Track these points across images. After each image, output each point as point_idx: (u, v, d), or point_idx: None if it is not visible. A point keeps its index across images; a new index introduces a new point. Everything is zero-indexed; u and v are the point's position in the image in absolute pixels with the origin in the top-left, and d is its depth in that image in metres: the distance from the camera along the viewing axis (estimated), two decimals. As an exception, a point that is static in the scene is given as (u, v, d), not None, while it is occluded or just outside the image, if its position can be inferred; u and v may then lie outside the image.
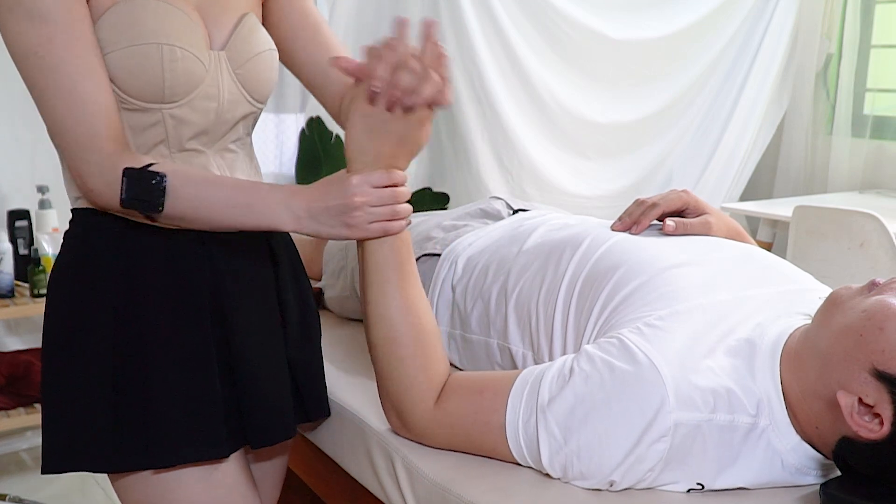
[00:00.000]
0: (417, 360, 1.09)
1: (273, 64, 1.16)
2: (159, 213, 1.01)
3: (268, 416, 1.15)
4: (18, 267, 2.57)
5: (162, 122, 1.07)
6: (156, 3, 1.03)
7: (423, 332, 1.10)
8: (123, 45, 1.02)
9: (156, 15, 1.03)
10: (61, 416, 1.09)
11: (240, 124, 1.15)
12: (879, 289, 0.96)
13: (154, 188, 0.99)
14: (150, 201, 0.99)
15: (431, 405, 1.09)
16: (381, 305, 1.08)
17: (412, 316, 1.09)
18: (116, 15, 1.02)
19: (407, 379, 1.09)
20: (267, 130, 3.09)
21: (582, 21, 3.25)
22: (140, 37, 1.02)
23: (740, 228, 1.33)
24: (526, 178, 3.27)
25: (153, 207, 1.00)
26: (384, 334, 1.09)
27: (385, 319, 1.09)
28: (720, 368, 0.99)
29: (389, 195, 1.02)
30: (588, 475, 0.99)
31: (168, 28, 1.03)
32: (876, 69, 3.50)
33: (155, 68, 1.03)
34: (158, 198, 0.99)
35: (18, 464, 2.72)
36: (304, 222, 1.01)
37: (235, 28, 1.11)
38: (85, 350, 1.07)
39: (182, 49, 1.04)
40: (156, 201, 1.00)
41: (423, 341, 1.09)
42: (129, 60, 1.02)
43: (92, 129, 0.99)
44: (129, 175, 0.99)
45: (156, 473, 1.09)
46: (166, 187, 1.00)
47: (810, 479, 1.02)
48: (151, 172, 0.99)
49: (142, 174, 0.99)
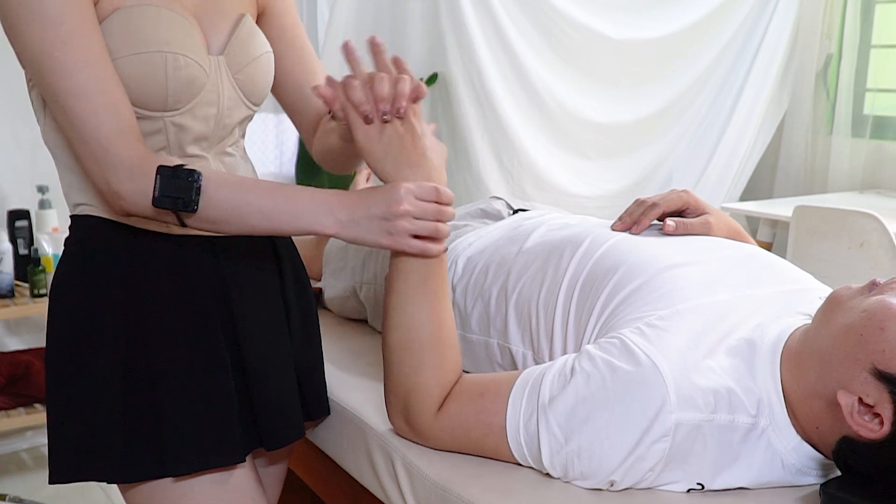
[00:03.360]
0: (434, 370, 1.08)
1: (270, 67, 1.16)
2: (193, 214, 0.98)
3: (279, 418, 1.15)
4: (18, 267, 2.57)
5: (164, 130, 1.06)
6: (155, 9, 1.02)
7: (443, 344, 1.09)
8: (125, 54, 1.00)
9: (156, 22, 1.02)
10: (69, 425, 1.07)
11: (237, 128, 1.15)
12: (880, 289, 0.96)
13: (190, 186, 0.96)
14: (186, 199, 0.96)
15: (437, 408, 1.09)
16: (405, 315, 1.08)
17: (435, 328, 1.09)
18: (117, 23, 1.00)
19: (420, 387, 1.09)
20: (267, 130, 3.09)
21: (582, 21, 3.25)
22: (142, 45, 1.00)
23: (740, 228, 1.33)
24: (526, 178, 3.27)
25: (188, 206, 0.97)
26: (403, 342, 1.09)
27: (404, 329, 1.08)
28: (721, 368, 0.99)
29: (434, 210, 1.02)
30: (589, 475, 0.99)
31: (169, 35, 1.02)
32: (876, 69, 3.49)
33: (158, 77, 1.01)
34: (194, 196, 0.97)
35: (18, 464, 2.72)
36: (346, 227, 1.00)
37: (233, 31, 1.10)
38: (93, 360, 1.06)
39: (185, 56, 1.03)
40: (191, 199, 0.97)
41: (443, 354, 1.09)
42: (132, 69, 1.00)
43: (120, 131, 0.97)
44: (163, 173, 0.96)
45: (169, 482, 1.07)
46: (202, 186, 0.97)
47: (810, 479, 1.02)
48: (187, 170, 0.97)
49: (177, 172, 0.97)
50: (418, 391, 1.09)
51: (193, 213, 0.98)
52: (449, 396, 1.09)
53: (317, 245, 1.73)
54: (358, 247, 1.58)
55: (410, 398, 1.10)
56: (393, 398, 1.13)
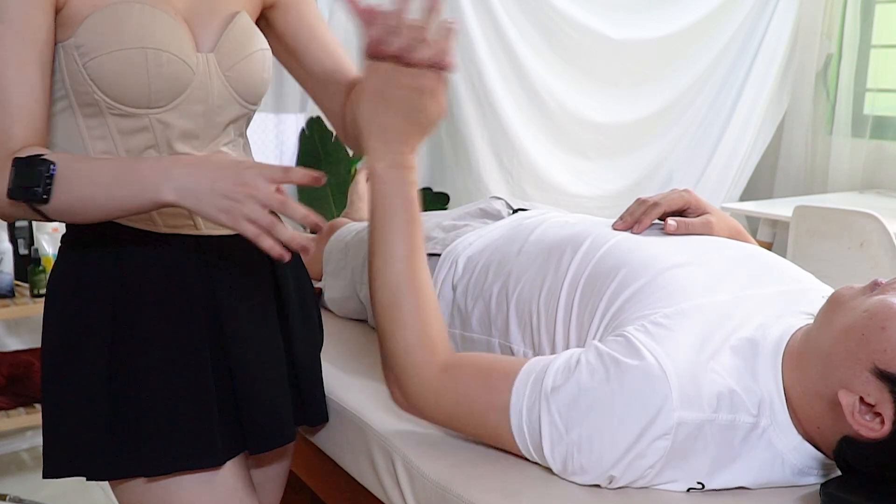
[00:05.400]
0: (417, 325, 1.11)
1: (265, 64, 1.15)
2: (46, 204, 0.96)
3: (266, 421, 1.14)
4: (18, 267, 2.56)
5: (150, 128, 1.05)
6: (139, 6, 1.02)
7: (423, 299, 1.12)
8: (107, 51, 1.00)
9: (140, 19, 1.02)
10: (59, 421, 1.08)
11: (231, 126, 1.14)
12: (881, 289, 0.97)
13: (41, 175, 0.95)
14: (36, 188, 0.95)
15: (432, 372, 1.10)
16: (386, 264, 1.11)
17: (415, 282, 1.11)
18: (99, 20, 1.01)
19: (408, 342, 1.11)
20: (267, 130, 3.09)
21: (582, 21, 3.25)
22: (124, 42, 1.01)
23: (741, 228, 1.33)
24: (526, 178, 3.27)
25: (38, 196, 0.95)
26: (388, 299, 1.12)
27: (389, 287, 1.11)
28: (723, 368, 0.99)
29: (278, 202, 0.93)
30: (588, 468, 0.99)
31: (152, 32, 1.02)
32: (876, 69, 3.50)
33: (140, 74, 1.01)
34: (45, 185, 0.95)
35: (18, 464, 2.72)
36: (184, 197, 0.94)
37: (225, 28, 1.10)
38: (81, 357, 1.07)
39: (167, 53, 1.03)
40: (42, 189, 0.95)
41: (424, 309, 1.12)
42: (114, 66, 1.01)
43: (5, 130, 0.98)
44: (17, 164, 0.96)
45: (154, 479, 1.08)
46: (54, 175, 0.95)
47: (811, 478, 1.02)
48: (41, 160, 0.96)
49: (30, 161, 0.96)
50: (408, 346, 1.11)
51: (46, 203, 0.96)
52: (456, 364, 1.10)
53: (317, 245, 1.73)
54: (358, 247, 1.58)
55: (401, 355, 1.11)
56: (387, 360, 1.14)
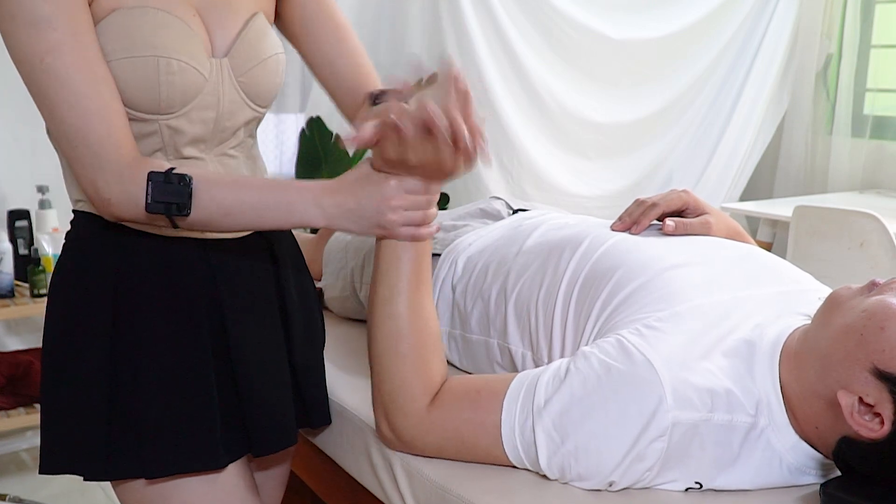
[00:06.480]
0: (416, 359, 1.07)
1: (279, 68, 1.13)
2: (186, 217, 0.98)
3: (269, 424, 1.14)
4: (18, 267, 2.57)
5: (158, 133, 1.05)
6: (154, 11, 1.01)
7: (427, 335, 1.09)
8: (119, 56, 0.99)
9: (153, 25, 1.00)
10: (58, 418, 1.08)
11: (241, 130, 1.13)
12: (880, 289, 0.96)
13: (182, 191, 0.97)
14: (179, 204, 0.97)
15: (424, 407, 1.07)
16: (390, 303, 1.08)
17: (420, 319, 1.08)
18: (113, 24, 0.99)
19: (402, 377, 1.07)
20: (267, 130, 3.09)
21: (582, 21, 3.25)
22: (136, 48, 1.00)
23: (740, 228, 1.33)
24: (526, 178, 3.27)
25: (181, 210, 0.97)
26: (388, 331, 1.08)
27: (392, 318, 1.07)
28: (719, 369, 0.99)
29: (425, 201, 1.03)
30: (587, 476, 0.98)
31: (165, 39, 1.01)
32: (876, 69, 3.50)
33: (151, 81, 1.01)
34: (187, 200, 0.97)
35: (18, 464, 2.72)
36: (335, 220, 1.01)
37: (241, 32, 1.08)
38: (81, 355, 1.06)
39: (179, 61, 1.01)
40: (184, 204, 0.97)
41: (426, 344, 1.08)
42: (125, 72, 1.00)
43: (110, 137, 0.97)
44: (154, 179, 0.96)
45: (154, 481, 1.07)
46: (193, 190, 0.97)
47: (810, 478, 1.02)
48: (178, 175, 0.97)
49: (168, 177, 0.97)
50: (401, 381, 1.07)
51: (186, 216, 0.98)
52: (441, 395, 1.08)
53: (317, 245, 1.73)
54: (358, 247, 1.58)
55: (394, 389, 1.08)
56: (377, 397, 1.11)
